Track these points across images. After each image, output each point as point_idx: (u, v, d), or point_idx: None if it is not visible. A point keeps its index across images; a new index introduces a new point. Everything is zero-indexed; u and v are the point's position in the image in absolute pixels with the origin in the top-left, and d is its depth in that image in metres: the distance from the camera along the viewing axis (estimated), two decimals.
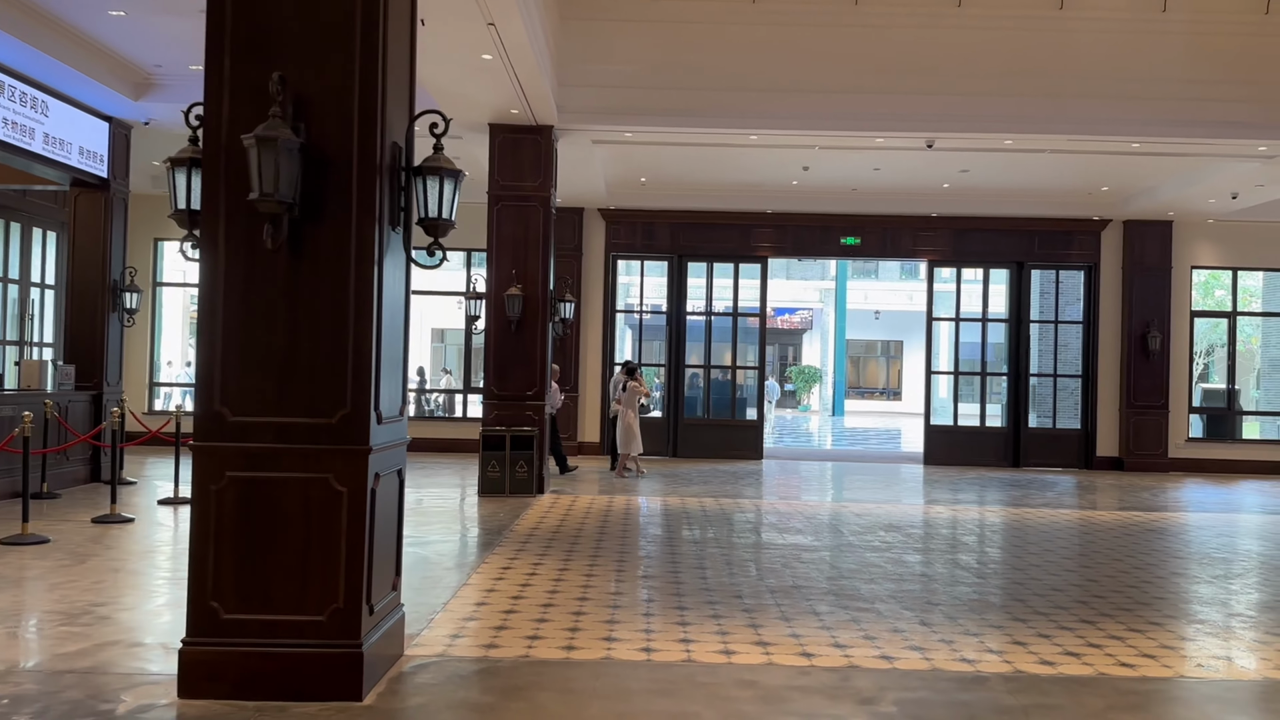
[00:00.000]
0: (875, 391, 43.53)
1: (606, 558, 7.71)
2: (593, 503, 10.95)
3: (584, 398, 17.21)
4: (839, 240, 17.30)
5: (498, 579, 6.91)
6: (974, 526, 10.28)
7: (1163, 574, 7.78)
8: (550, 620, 5.76)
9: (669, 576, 7.08)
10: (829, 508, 11.24)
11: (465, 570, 7.17)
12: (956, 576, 7.40)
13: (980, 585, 7.09)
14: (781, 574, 7.26)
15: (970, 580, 7.28)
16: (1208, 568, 8.12)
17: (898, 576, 7.30)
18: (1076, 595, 6.81)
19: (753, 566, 7.54)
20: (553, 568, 7.29)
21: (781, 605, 6.28)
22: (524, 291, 11.73)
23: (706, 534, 9.03)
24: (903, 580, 7.17)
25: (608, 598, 6.36)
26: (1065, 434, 17.50)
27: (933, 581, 7.16)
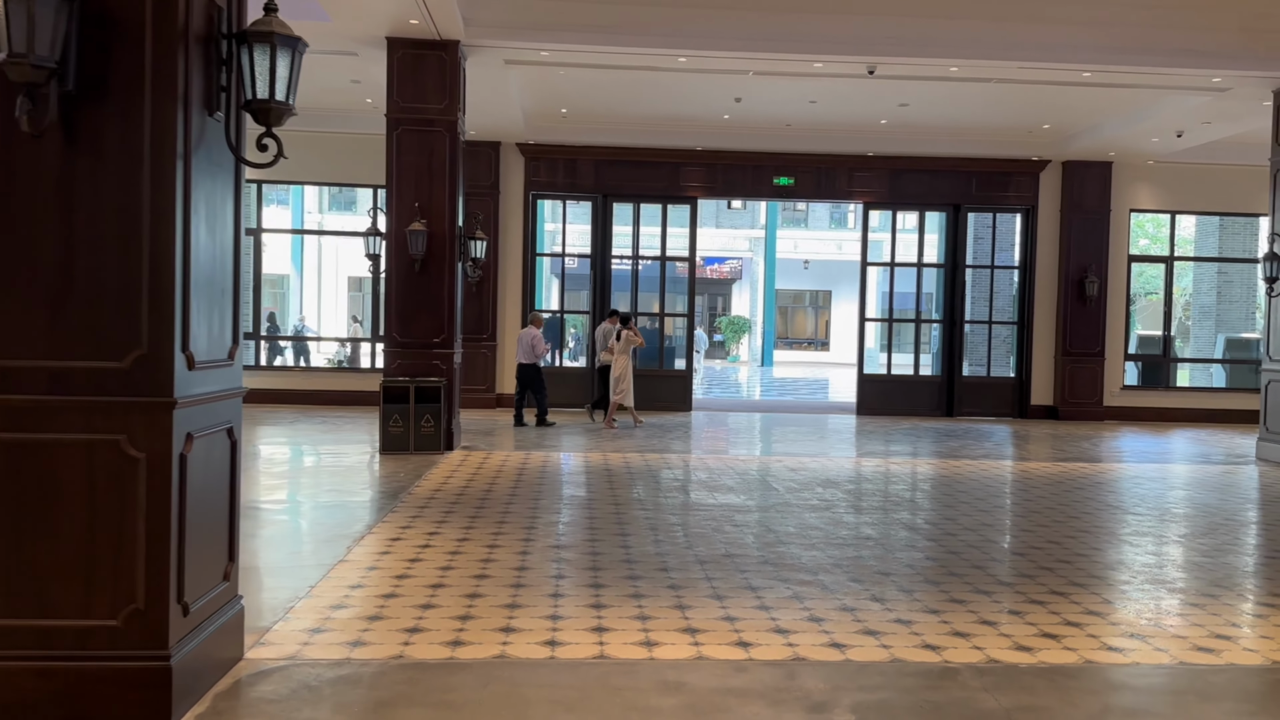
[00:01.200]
0: (804, 342, 43.17)
1: (515, 524, 6.76)
2: (507, 460, 9.98)
3: (502, 348, 16.15)
4: (772, 181, 16.40)
5: (383, 553, 5.92)
6: (916, 481, 9.59)
7: (1124, 533, 7.14)
8: (438, 606, 4.80)
9: (585, 546, 6.16)
10: (761, 462, 10.45)
11: (345, 543, 6.15)
12: (905, 540, 6.63)
13: (933, 550, 6.33)
14: (712, 540, 6.41)
15: (921, 544, 6.52)
16: (1170, 525, 7.51)
17: (841, 541, 6.50)
18: (1040, 560, 6.09)
19: (680, 532, 6.67)
20: (450, 538, 6.32)
21: (713, 579, 5.41)
22: (429, 228, 10.58)
23: (630, 494, 8.14)
24: (847, 545, 6.37)
25: (511, 575, 5.42)
26: (999, 382, 17.03)
27: (880, 546, 6.38)
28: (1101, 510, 8.01)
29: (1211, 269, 20.09)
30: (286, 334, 24.12)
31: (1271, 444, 11.41)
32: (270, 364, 18.63)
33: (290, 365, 19.14)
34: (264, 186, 16.86)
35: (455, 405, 10.90)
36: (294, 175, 16.75)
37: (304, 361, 20.38)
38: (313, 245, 28.85)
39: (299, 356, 20.66)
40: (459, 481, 8.53)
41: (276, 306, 31.05)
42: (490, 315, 15.92)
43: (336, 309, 30.21)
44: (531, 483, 8.57)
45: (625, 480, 8.84)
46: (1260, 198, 16.53)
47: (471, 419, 14.03)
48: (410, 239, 10.46)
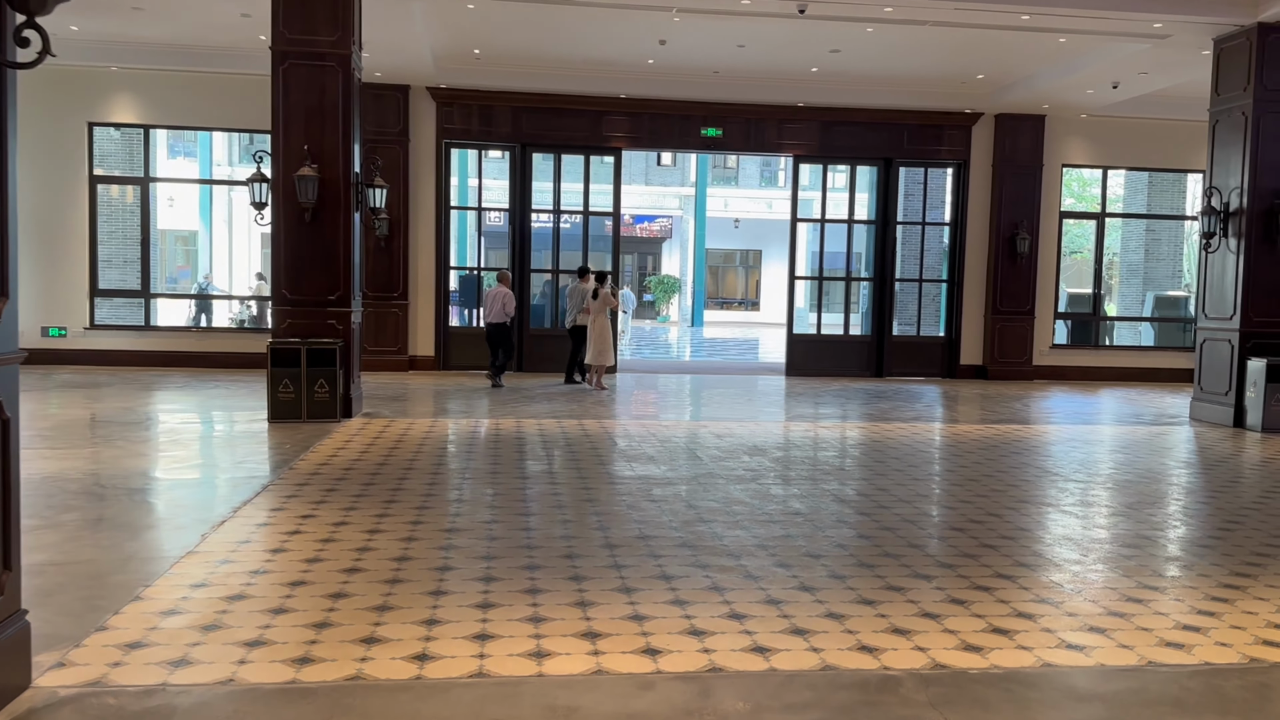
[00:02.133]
0: (734, 302, 42.75)
1: (405, 505, 6.00)
2: (410, 429, 9.17)
3: (415, 306, 15.23)
4: (699, 131, 15.66)
5: (243, 542, 5.12)
6: (845, 447, 9.05)
7: (1067, 503, 6.66)
8: (293, 611, 4.05)
9: (481, 530, 5.44)
10: (686, 428, 9.82)
11: (201, 529, 5.33)
12: (835, 514, 6.05)
13: (866, 526, 5.76)
14: (626, 519, 5.74)
15: (852, 519, 5.94)
16: (1114, 493, 7.07)
17: (767, 516, 5.89)
18: (981, 536, 5.56)
19: (592, 510, 5.99)
20: (327, 521, 5.54)
21: (623, 568, 4.74)
22: (321, 174, 9.63)
23: (542, 466, 7.42)
24: (773, 521, 5.76)
25: (388, 567, 4.68)
26: (929, 342, 16.68)
27: (809, 523, 5.78)
28: (1041, 477, 7.55)
29: (1139, 226, 19.99)
30: (189, 293, 22.76)
31: (1206, 404, 11.16)
32: (177, 326, 17.39)
33: (189, 326, 17.90)
34: (155, 132, 15.55)
35: (354, 369, 10.04)
36: (184, 120, 15.50)
37: (206, 321, 19.15)
38: (223, 198, 27.34)
39: (201, 316, 19.41)
40: (350, 454, 7.72)
41: (189, 264, 29.44)
42: (401, 271, 14.96)
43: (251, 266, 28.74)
44: (433, 454, 7.80)
45: (538, 450, 8.13)
46: (1191, 153, 16.37)
47: (382, 382, 13.17)
48: (299, 186, 9.50)
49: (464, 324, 17.23)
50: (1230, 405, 10.72)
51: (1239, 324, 10.66)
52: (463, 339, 15.60)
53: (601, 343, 13.07)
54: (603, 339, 13.08)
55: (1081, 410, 12.28)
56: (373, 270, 14.90)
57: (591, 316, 13.18)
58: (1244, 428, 10.53)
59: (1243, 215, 10.66)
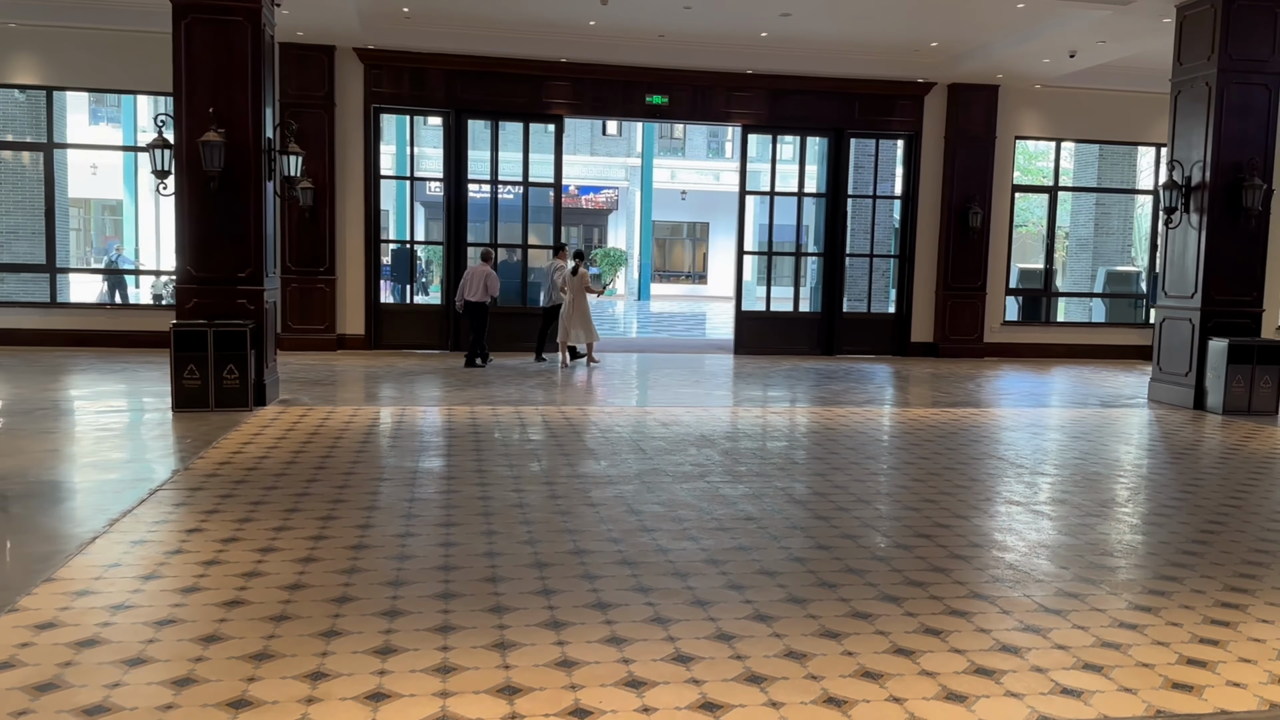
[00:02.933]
0: (681, 275, 42.17)
1: (310, 514, 5.32)
2: (329, 418, 8.44)
3: (343, 282, 14.38)
4: (644, 99, 14.95)
5: (111, 565, 4.41)
6: (796, 436, 8.51)
7: (1038, 501, 6.20)
8: (153, 661, 3.37)
9: (392, 547, 4.79)
10: (631, 415, 9.21)
11: (67, 550, 4.60)
12: (790, 519, 5.50)
13: (824, 533, 5.22)
14: (560, 531, 5.12)
15: (809, 524, 5.39)
16: (1084, 489, 6.62)
17: (717, 523, 5.32)
18: (951, 545, 5.04)
19: (522, 519, 5.36)
20: (216, 537, 4.84)
21: (553, 594, 4.13)
22: (228, 139, 8.78)
23: (468, 464, 6.77)
24: (723, 529, 5.19)
25: (277, 600, 4.01)
26: (880, 319, 16.28)
27: (762, 530, 5.22)
28: (1003, 470, 7.09)
29: (1088, 200, 19.76)
30: (98, 266, 21.52)
31: (1165, 384, 10.84)
32: (87, 303, 16.32)
33: (101, 303, 16.81)
34: (62, 95, 14.41)
35: (269, 352, 9.25)
36: (94, 81, 14.40)
37: (120, 298, 18.05)
38: (149, 166, 25.90)
39: (115, 292, 18.29)
40: (257, 450, 6.99)
41: (117, 235, 27.97)
42: (327, 245, 14.10)
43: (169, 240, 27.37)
44: (350, 450, 7.09)
45: (468, 444, 7.46)
46: (1144, 126, 16.10)
47: (306, 364, 12.37)
48: (204, 152, 8.64)
49: (398, 300, 16.45)
50: (1190, 386, 10.41)
51: (1200, 303, 10.33)
52: (396, 317, 14.81)
53: (586, 320, 13.19)
54: (584, 317, 13.18)
55: (1036, 391, 11.92)
56: (297, 243, 14.02)
57: (571, 295, 13.14)
58: (1204, 409, 10.23)
59: (1205, 190, 10.29)
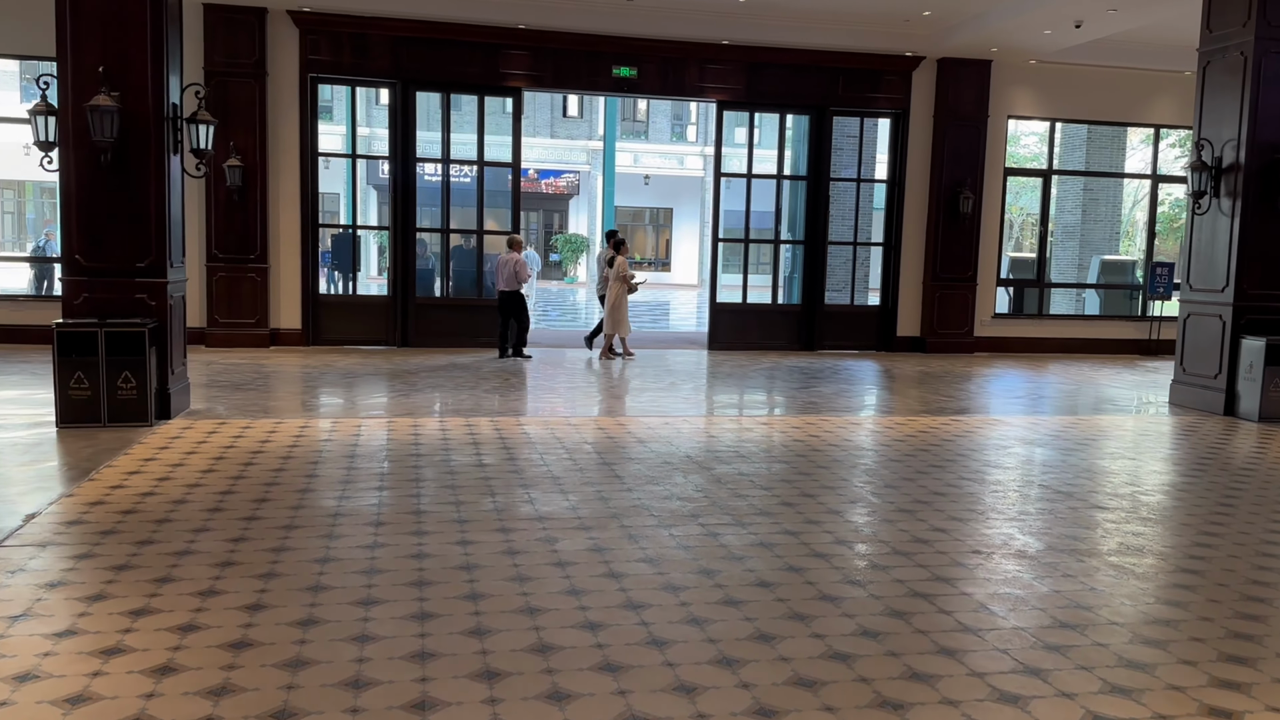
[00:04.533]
0: (644, 262, 40.92)
1: (186, 585, 4.02)
2: (243, 435, 7.10)
3: (278, 271, 12.97)
4: (611, 71, 13.66)
5: None
6: (797, 456, 7.31)
7: (1129, 562, 5.06)
8: None
9: (286, 644, 3.50)
10: (599, 428, 7.98)
11: None
12: (821, 587, 4.31)
13: (867, 609, 4.03)
14: (516, 612, 3.86)
15: (847, 595, 4.20)
16: (1166, 533, 5.51)
17: (723, 593, 4.10)
18: (1043, 636, 3.88)
19: (466, 592, 4.10)
20: (47, 630, 3.53)
21: None
22: (123, 104, 7.38)
23: (404, 501, 5.49)
24: (734, 606, 3.98)
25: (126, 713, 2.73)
26: (864, 312, 15.19)
27: (785, 606, 4.01)
28: (1055, 502, 5.96)
29: (1075, 186, 18.82)
30: (23, 255, 19.77)
31: (1189, 388, 9.82)
32: (10, 294, 14.76)
33: (29, 294, 15.21)
34: None
35: (175, 356, 7.88)
36: (12, 48, 12.79)
37: (49, 288, 16.43)
38: None
39: (43, 282, 16.67)
40: (145, 481, 5.65)
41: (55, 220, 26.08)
42: (258, 231, 12.66)
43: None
44: (260, 481, 5.78)
45: (407, 470, 6.18)
46: (1143, 105, 15.13)
47: (233, 363, 10.99)
48: (93, 120, 7.23)
49: (338, 291, 15.05)
50: (1221, 390, 9.40)
51: (1232, 297, 9.31)
52: (336, 309, 13.41)
53: (618, 312, 12.55)
54: (615, 309, 12.54)
55: (1043, 394, 10.87)
56: (224, 228, 12.57)
57: (610, 284, 12.60)
58: (1236, 416, 9.22)
59: (1238, 172, 9.26)
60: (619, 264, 12.60)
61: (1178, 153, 21.99)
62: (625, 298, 12.62)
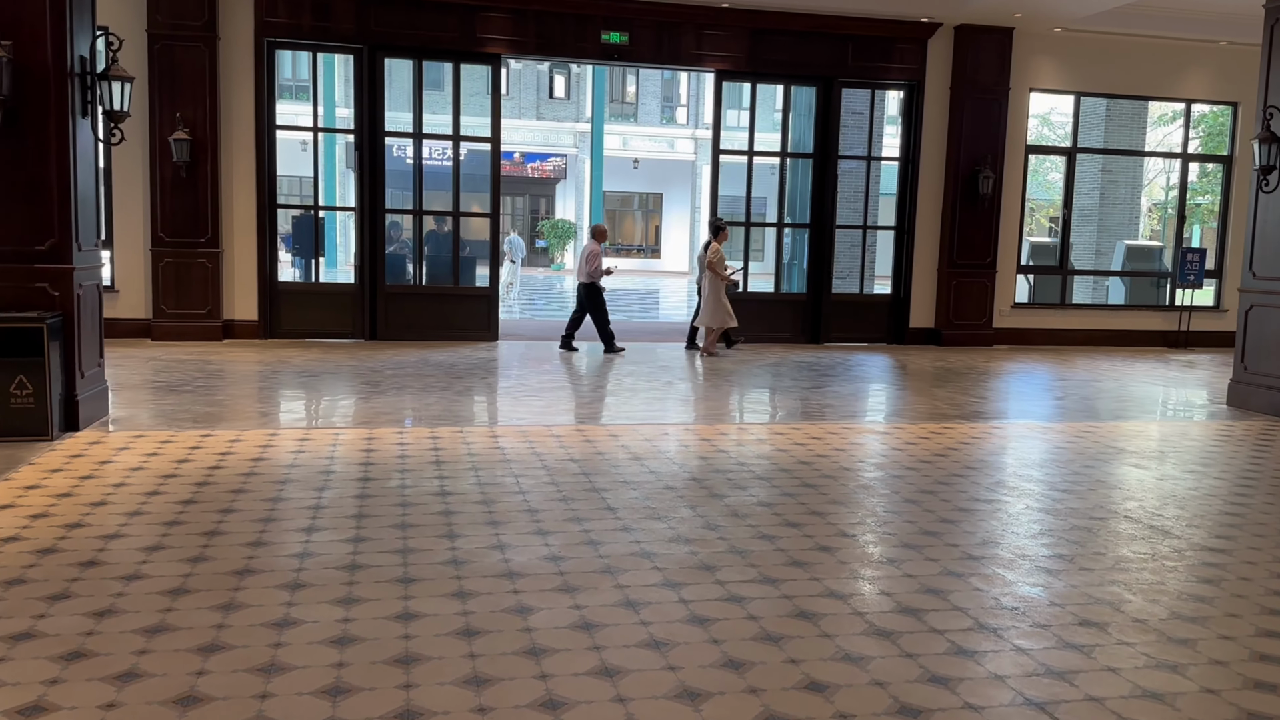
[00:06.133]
0: (633, 249, 39.71)
1: (13, 693, 2.85)
2: (158, 452, 5.91)
3: (231, 256, 11.74)
4: (600, 37, 12.44)
5: None
6: (823, 477, 6.15)
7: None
8: None
9: None
10: (588, 438, 6.82)
11: None
12: (894, 690, 3.17)
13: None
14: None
15: (926, 697, 3.07)
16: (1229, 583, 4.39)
17: (764, 708, 2.96)
18: None
19: (401, 708, 2.94)
20: None
21: None
22: (15, 55, 6.15)
23: (336, 549, 4.32)
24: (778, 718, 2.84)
25: None
26: (874, 301, 14.05)
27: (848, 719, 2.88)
28: (1157, 544, 4.84)
29: (1093, 167, 17.72)
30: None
31: (1251, 388, 8.71)
32: None
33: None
34: None
35: (86, 356, 6.67)
36: None
37: None
38: None
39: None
40: (15, 518, 4.46)
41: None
42: (209, 212, 11.42)
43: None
44: (160, 518, 4.60)
45: (348, 502, 5.00)
46: (1172, 78, 14.02)
47: (178, 358, 9.80)
48: None
49: (301, 279, 13.82)
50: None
51: None
52: (297, 298, 12.18)
53: (708, 304, 11.57)
54: (709, 300, 11.57)
55: (1082, 393, 9.75)
56: (171, 208, 11.33)
57: (701, 273, 11.72)
58: None
59: None
60: (712, 251, 11.55)
61: (1203, 130, 20.86)
62: (721, 290, 11.56)
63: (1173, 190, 22.03)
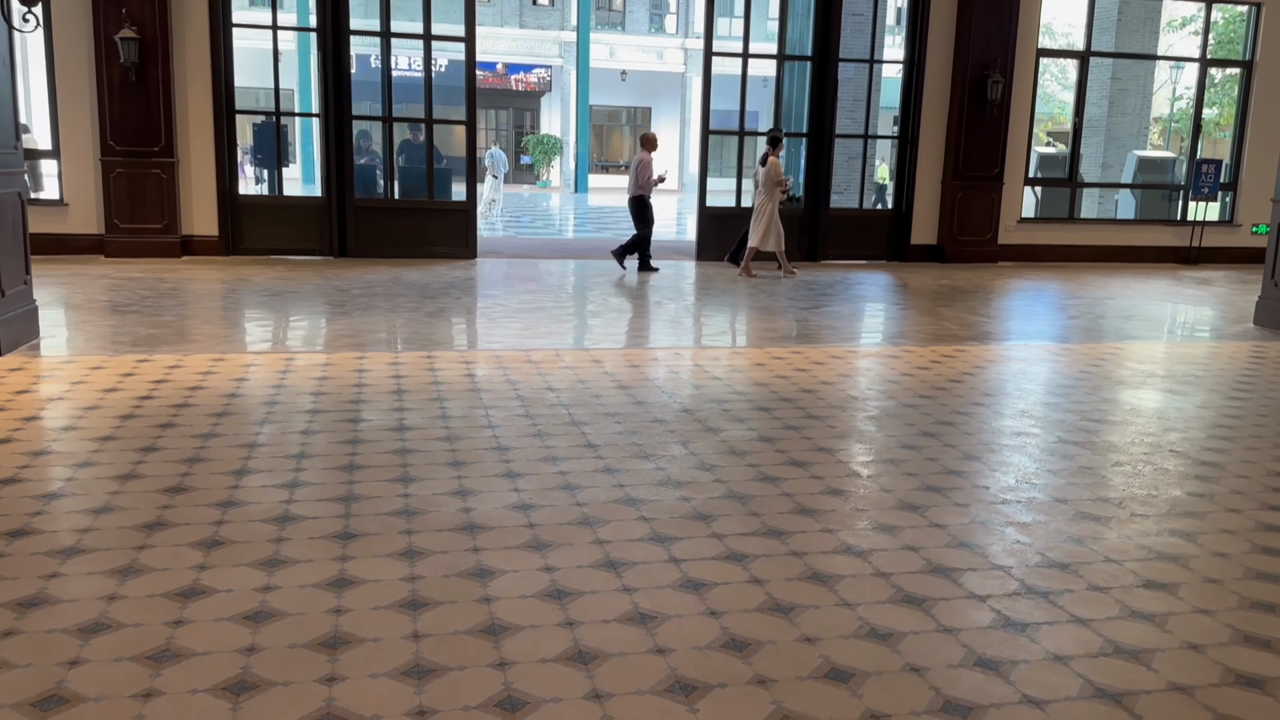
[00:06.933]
0: (621, 165, 38.61)
1: None
2: (85, 380, 5.26)
3: (188, 166, 10.93)
4: None
5: None
6: (836, 405, 5.54)
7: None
8: None
9: None
10: (571, 363, 6.20)
11: None
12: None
13: None
14: None
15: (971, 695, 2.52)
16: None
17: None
18: None
19: (318, 707, 2.36)
20: None
21: None
22: None
23: (269, 496, 3.72)
24: None
25: None
26: (873, 217, 13.37)
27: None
28: (1209, 482, 4.28)
29: (1103, 74, 16.85)
30: None
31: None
32: None
33: None
34: None
35: (6, 273, 5.97)
36: None
37: None
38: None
39: None
40: None
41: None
42: (161, 117, 10.58)
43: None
44: (68, 460, 3.99)
45: (292, 438, 4.39)
46: None
47: (129, 278, 9.11)
48: None
49: (265, 191, 13.00)
50: None
51: None
52: (260, 213, 11.41)
53: (762, 222, 10.76)
54: (764, 219, 10.77)
55: (1097, 311, 9.15)
56: (120, 114, 10.48)
57: (757, 189, 10.83)
58: None
59: None
60: (771, 165, 10.75)
61: (1213, 38, 19.84)
62: (773, 208, 10.76)
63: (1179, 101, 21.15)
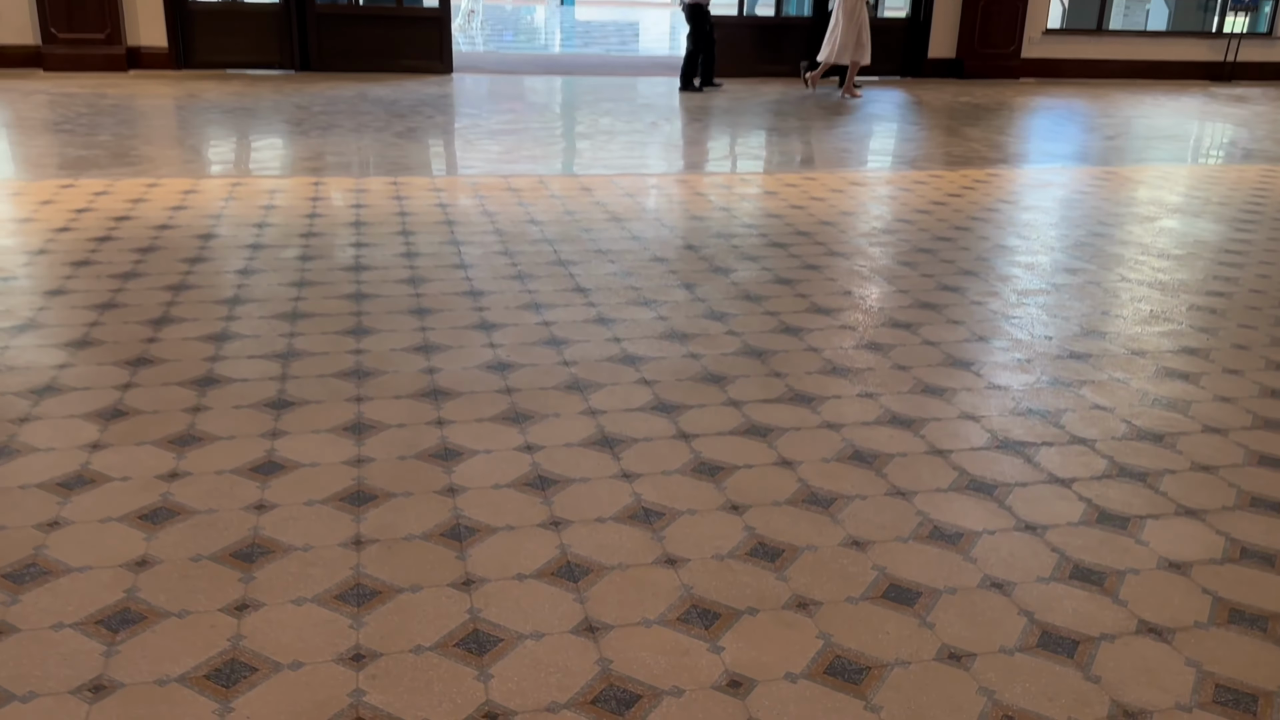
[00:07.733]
0: None
1: None
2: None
3: None
4: None
5: None
6: (865, 236, 4.87)
7: None
8: None
9: None
10: (558, 191, 5.47)
11: None
12: (1001, 580, 2.07)
13: None
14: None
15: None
16: None
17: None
18: None
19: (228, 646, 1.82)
20: None
21: None
22: None
23: (193, 350, 3.10)
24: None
25: None
26: (886, 27, 12.21)
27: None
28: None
29: None
30: None
31: None
32: None
33: None
34: None
35: None
36: None
37: None
38: None
39: None
40: None
41: None
42: None
43: None
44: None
45: (224, 276, 3.73)
46: None
47: (66, 94, 8.24)
48: None
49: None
50: None
51: None
52: (214, 20, 10.29)
53: (852, 33, 9.55)
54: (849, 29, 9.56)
55: (1136, 131, 8.33)
56: None
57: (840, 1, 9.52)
58: None
59: None
60: None
61: None
62: (862, 17, 9.62)
63: None
